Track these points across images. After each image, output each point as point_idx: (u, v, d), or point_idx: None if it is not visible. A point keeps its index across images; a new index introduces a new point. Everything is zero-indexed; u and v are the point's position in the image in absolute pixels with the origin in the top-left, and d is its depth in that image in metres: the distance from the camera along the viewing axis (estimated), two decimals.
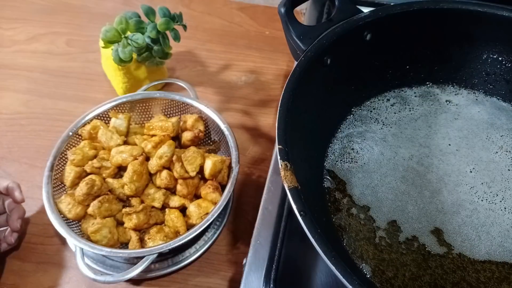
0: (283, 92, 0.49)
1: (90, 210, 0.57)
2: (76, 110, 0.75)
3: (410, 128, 0.61)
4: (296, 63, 0.53)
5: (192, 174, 0.60)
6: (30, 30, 0.89)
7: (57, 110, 0.77)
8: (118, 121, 0.64)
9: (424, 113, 0.62)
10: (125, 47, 0.67)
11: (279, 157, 0.45)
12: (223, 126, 0.63)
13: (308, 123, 0.53)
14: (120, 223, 0.59)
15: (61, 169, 0.61)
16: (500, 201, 0.54)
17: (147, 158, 0.61)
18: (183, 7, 0.93)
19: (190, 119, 0.66)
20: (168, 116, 0.68)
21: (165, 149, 0.60)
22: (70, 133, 0.62)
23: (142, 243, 0.58)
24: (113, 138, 0.63)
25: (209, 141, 0.69)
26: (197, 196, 0.62)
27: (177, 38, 0.71)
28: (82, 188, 0.57)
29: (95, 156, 0.62)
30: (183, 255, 0.60)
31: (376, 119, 0.62)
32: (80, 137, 0.64)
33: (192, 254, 0.60)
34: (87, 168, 0.60)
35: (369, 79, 0.62)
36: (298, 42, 0.54)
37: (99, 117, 0.65)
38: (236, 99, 0.79)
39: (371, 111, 0.62)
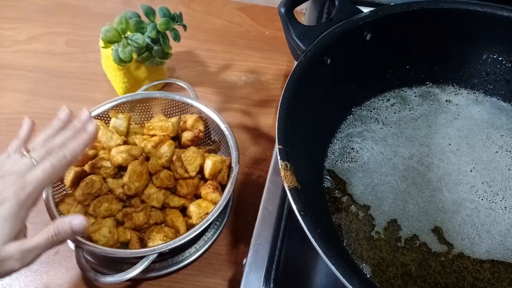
0: (283, 92, 0.49)
1: (90, 210, 0.57)
2: (76, 110, 0.74)
3: (410, 127, 0.61)
4: (296, 63, 0.53)
5: (192, 174, 0.60)
6: (30, 30, 0.89)
7: (57, 110, 0.76)
8: (118, 121, 0.64)
9: (424, 113, 0.63)
10: (125, 47, 0.67)
11: (279, 157, 0.45)
12: (223, 126, 0.63)
13: (308, 123, 0.54)
14: (120, 223, 0.59)
15: None
16: (501, 201, 0.54)
17: (147, 158, 0.61)
18: (183, 7, 0.93)
19: (190, 119, 0.66)
20: (168, 116, 0.68)
21: (165, 149, 0.60)
22: None
23: (142, 243, 0.58)
24: (113, 138, 0.63)
25: (209, 141, 0.69)
26: (197, 196, 0.62)
27: (177, 38, 0.71)
28: (82, 188, 0.57)
29: (95, 156, 0.62)
30: (183, 255, 0.60)
31: (376, 119, 0.62)
32: None
33: (192, 254, 0.60)
34: (87, 168, 0.60)
35: (369, 79, 0.62)
36: (298, 42, 0.54)
37: (99, 117, 0.65)
38: (236, 99, 0.79)
39: (371, 111, 0.63)
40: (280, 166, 0.44)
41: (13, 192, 0.45)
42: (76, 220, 0.48)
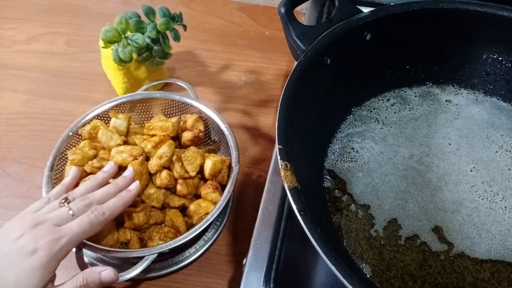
0: (283, 92, 0.49)
1: None
2: (76, 110, 0.75)
3: (410, 127, 0.61)
4: (296, 63, 0.53)
5: (192, 174, 0.60)
6: (30, 30, 0.89)
7: (57, 110, 0.77)
8: (118, 121, 0.64)
9: (424, 113, 0.63)
10: (125, 47, 0.67)
11: (279, 157, 0.45)
12: (223, 126, 0.63)
13: (308, 123, 0.54)
14: (120, 223, 0.59)
15: (61, 169, 0.61)
16: (501, 200, 0.54)
17: (147, 158, 0.61)
18: (183, 7, 0.93)
19: (190, 119, 0.65)
20: (168, 116, 0.68)
21: (165, 149, 0.60)
22: (70, 133, 0.62)
23: (142, 243, 0.58)
24: (113, 138, 0.63)
25: (209, 141, 0.69)
26: (197, 196, 0.62)
27: (177, 38, 0.71)
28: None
29: (95, 156, 0.62)
30: (183, 255, 0.60)
31: (376, 119, 0.62)
32: (80, 137, 0.64)
33: (192, 254, 0.60)
34: (87, 168, 0.60)
35: (369, 79, 0.62)
36: (298, 42, 0.54)
37: (99, 117, 0.65)
38: (236, 99, 0.79)
39: (371, 111, 0.63)
40: (280, 166, 0.44)
41: (47, 243, 0.44)
42: (105, 272, 0.48)
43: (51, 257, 0.44)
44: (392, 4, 0.59)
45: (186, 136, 0.64)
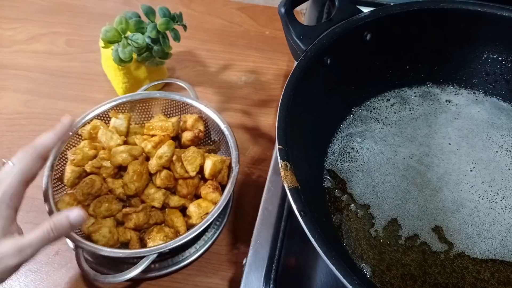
0: (283, 92, 0.49)
1: (90, 210, 0.57)
2: (76, 110, 0.74)
3: (410, 127, 0.61)
4: (296, 63, 0.53)
5: (192, 174, 0.60)
6: (30, 30, 0.89)
7: (57, 110, 0.77)
8: (118, 121, 0.64)
9: (424, 112, 0.63)
10: (125, 47, 0.67)
11: (279, 157, 0.45)
12: (223, 126, 0.63)
13: (308, 123, 0.54)
14: (120, 223, 0.59)
15: (61, 169, 0.61)
16: (501, 200, 0.54)
17: (147, 158, 0.62)
18: (183, 7, 0.93)
19: (190, 119, 0.66)
20: (168, 116, 0.68)
21: (165, 149, 0.60)
22: (70, 133, 0.62)
23: (142, 243, 0.58)
24: (113, 138, 0.63)
25: (209, 141, 0.69)
26: (197, 196, 0.62)
27: (177, 38, 0.71)
28: (82, 188, 0.57)
29: (95, 156, 0.62)
30: (183, 255, 0.60)
31: (376, 119, 0.62)
32: (80, 137, 0.64)
33: (192, 254, 0.60)
34: (87, 168, 0.60)
35: (369, 79, 0.62)
36: (298, 42, 0.54)
37: (99, 117, 0.65)
38: (236, 99, 0.79)
39: (371, 111, 0.63)
40: (280, 166, 0.44)
41: None
42: (73, 214, 0.47)
43: None
44: (392, 4, 0.59)
45: (186, 136, 0.64)
